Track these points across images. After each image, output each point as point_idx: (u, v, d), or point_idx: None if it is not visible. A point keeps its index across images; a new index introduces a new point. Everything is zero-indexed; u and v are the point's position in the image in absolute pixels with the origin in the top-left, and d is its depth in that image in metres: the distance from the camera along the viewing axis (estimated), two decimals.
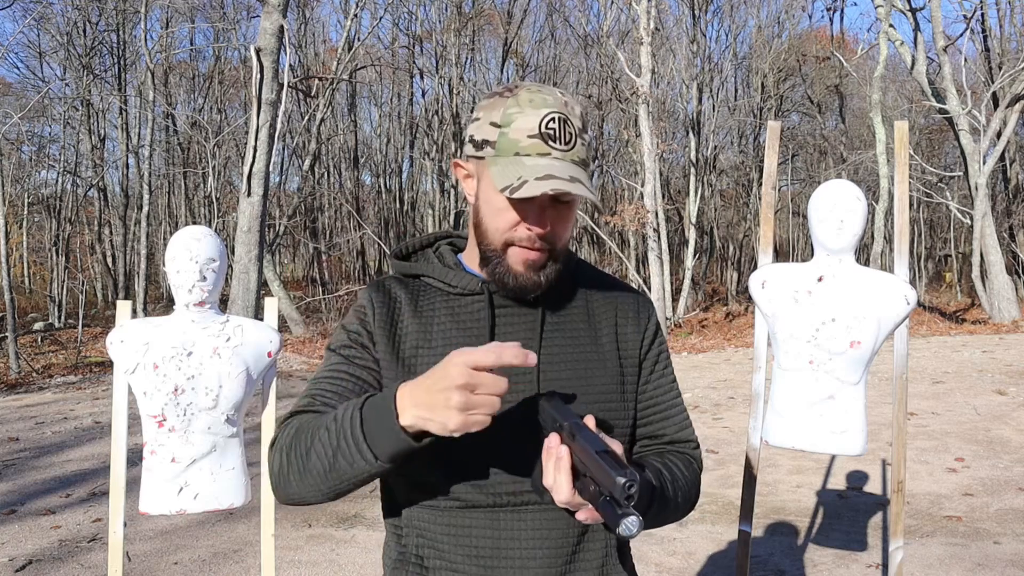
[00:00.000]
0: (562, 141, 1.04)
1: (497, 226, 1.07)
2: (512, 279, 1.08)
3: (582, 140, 1.07)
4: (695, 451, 1.23)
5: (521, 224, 1.06)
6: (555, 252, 1.09)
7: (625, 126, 18.62)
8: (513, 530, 1.07)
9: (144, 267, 15.36)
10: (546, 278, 1.09)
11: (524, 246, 1.07)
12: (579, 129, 1.06)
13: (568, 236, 1.12)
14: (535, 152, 1.03)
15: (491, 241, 1.09)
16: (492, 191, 1.06)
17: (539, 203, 1.05)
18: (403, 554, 1.11)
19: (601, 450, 0.84)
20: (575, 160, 1.05)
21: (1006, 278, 14.39)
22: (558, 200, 1.06)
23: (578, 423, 0.90)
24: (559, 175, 1.01)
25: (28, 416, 7.85)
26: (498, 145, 1.05)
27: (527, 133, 1.03)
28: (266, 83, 9.90)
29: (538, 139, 1.03)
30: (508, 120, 1.05)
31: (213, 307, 2.22)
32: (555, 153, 1.04)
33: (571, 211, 1.10)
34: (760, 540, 4.12)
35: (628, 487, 0.79)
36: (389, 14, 21.80)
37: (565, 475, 0.88)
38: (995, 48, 18.41)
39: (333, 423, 0.96)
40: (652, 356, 1.20)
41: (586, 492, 0.86)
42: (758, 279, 2.37)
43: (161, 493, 2.16)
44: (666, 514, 1.10)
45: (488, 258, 1.10)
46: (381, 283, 1.19)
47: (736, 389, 8.56)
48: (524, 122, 1.04)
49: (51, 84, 20.80)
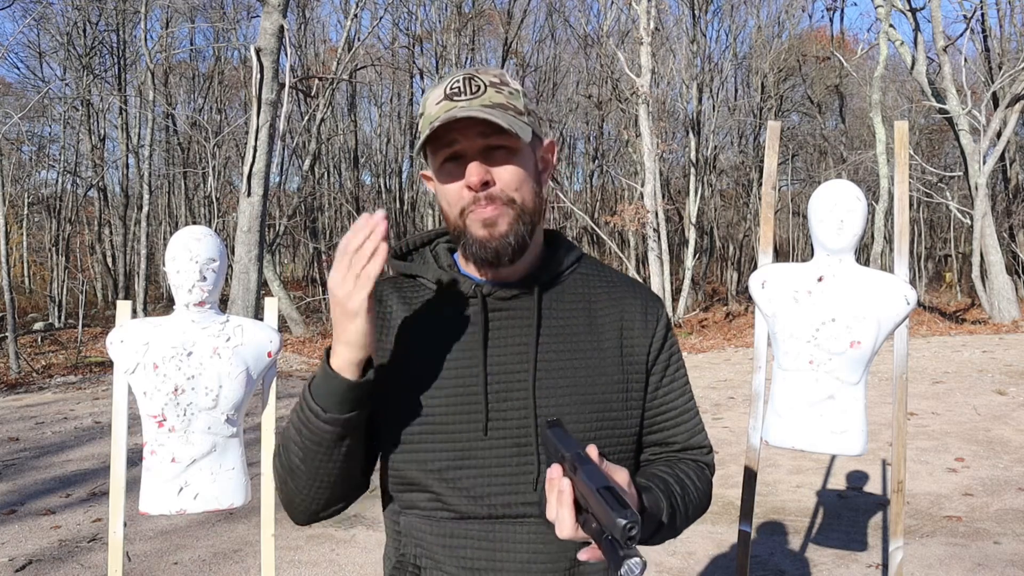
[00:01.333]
0: (468, 92, 1.02)
1: (450, 203, 1.05)
2: (479, 247, 1.04)
3: (497, 89, 1.03)
4: (707, 456, 1.19)
5: (464, 189, 1.03)
6: (515, 206, 1.04)
7: (625, 126, 18.63)
8: (509, 542, 1.04)
9: (144, 267, 15.36)
10: (515, 236, 1.04)
11: (473, 208, 1.03)
12: (492, 82, 1.04)
13: (527, 187, 1.05)
14: (442, 112, 1.01)
15: (453, 221, 1.06)
16: (439, 178, 1.07)
17: (470, 158, 1.02)
18: (401, 561, 1.10)
19: (603, 487, 0.81)
20: (487, 104, 1.01)
21: (1006, 278, 14.39)
22: (495, 148, 1.02)
23: (580, 454, 0.87)
24: (460, 115, 0.99)
25: (28, 416, 7.85)
26: (420, 127, 1.07)
27: (435, 101, 1.04)
28: (266, 83, 9.90)
29: (444, 100, 1.02)
30: (424, 103, 1.07)
31: (213, 307, 2.22)
32: (460, 103, 1.01)
33: (516, 157, 1.04)
34: (760, 540, 4.11)
35: (629, 529, 0.76)
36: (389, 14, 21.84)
37: (568, 510, 0.85)
38: (995, 48, 18.42)
39: (297, 411, 1.02)
40: (663, 360, 1.15)
41: (589, 527, 0.83)
42: (758, 279, 2.37)
43: (161, 493, 2.16)
44: (675, 529, 1.06)
45: (460, 241, 1.07)
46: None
47: (736, 389, 8.56)
48: (433, 95, 1.05)
49: (51, 84, 20.80)
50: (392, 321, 1.12)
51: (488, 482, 1.04)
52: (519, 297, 1.09)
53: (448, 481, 1.04)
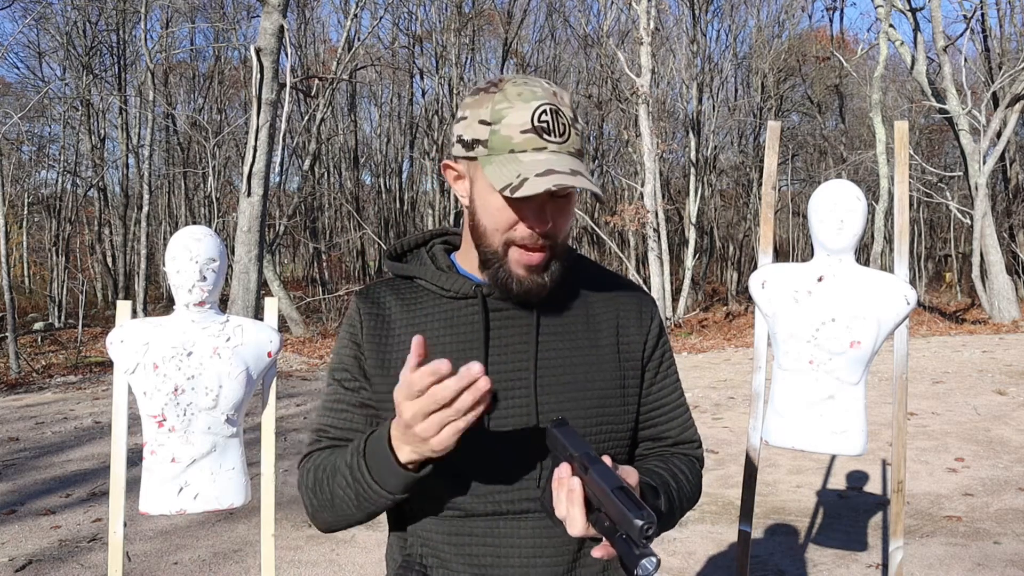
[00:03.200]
0: (556, 133, 1.00)
1: (496, 227, 1.03)
2: (516, 284, 1.05)
3: (575, 130, 1.03)
4: (697, 451, 1.22)
5: (520, 223, 1.02)
6: (556, 249, 1.06)
7: (625, 126, 18.62)
8: (513, 538, 1.06)
9: (144, 267, 15.36)
10: (550, 279, 1.06)
11: (524, 245, 1.03)
12: (571, 119, 1.02)
13: (568, 230, 1.08)
14: (530, 147, 0.99)
15: (490, 243, 1.05)
16: (488, 191, 1.02)
17: (538, 200, 1.01)
18: (407, 560, 1.11)
19: (617, 487, 0.83)
20: (571, 152, 1.02)
21: (1006, 278, 14.39)
22: (556, 194, 1.02)
23: (591, 455, 0.88)
24: (559, 169, 0.97)
25: (28, 416, 7.85)
26: (490, 143, 1.01)
27: (520, 128, 0.99)
28: (266, 83, 9.90)
29: (532, 133, 0.99)
30: (498, 116, 1.00)
31: (213, 307, 2.22)
32: (551, 147, 1.00)
33: (570, 205, 1.06)
34: (760, 540, 4.11)
35: (646, 529, 0.78)
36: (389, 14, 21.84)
37: (579, 508, 0.87)
38: (995, 48, 18.43)
39: (347, 472, 1.01)
40: (656, 358, 1.18)
41: (600, 526, 0.85)
42: (758, 279, 2.37)
43: (161, 493, 2.16)
44: (671, 523, 1.10)
45: (488, 260, 1.06)
46: (370, 291, 1.17)
47: (736, 389, 8.56)
48: (515, 117, 0.99)
49: (51, 84, 20.79)
50: (392, 323, 1.12)
51: (492, 479, 1.05)
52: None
53: (452, 480, 1.05)
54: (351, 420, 1.12)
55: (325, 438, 1.13)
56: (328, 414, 1.14)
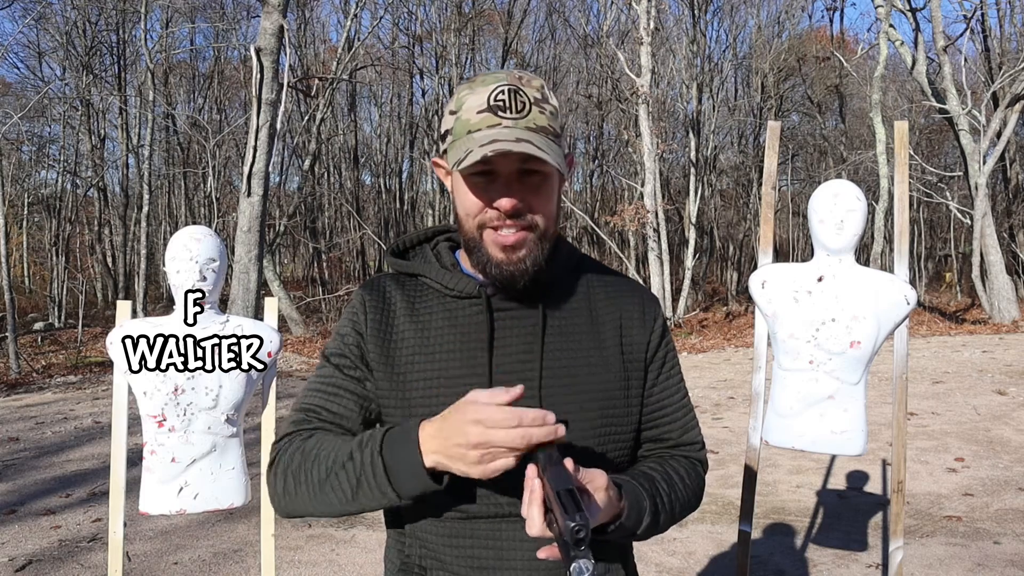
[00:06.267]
0: (513, 110, 1.00)
1: (467, 211, 1.04)
2: (494, 267, 1.04)
3: (539, 108, 1.02)
4: (700, 452, 1.20)
5: (489, 205, 1.02)
6: (537, 230, 1.04)
7: (625, 126, 18.62)
8: (514, 540, 1.05)
9: (144, 267, 15.36)
10: (532, 262, 1.04)
11: (496, 226, 1.02)
12: (536, 99, 1.02)
13: (550, 211, 1.06)
14: (485, 125, 0.99)
15: (467, 229, 1.05)
16: (458, 178, 1.03)
17: (504, 179, 1.01)
18: (406, 563, 1.11)
19: (563, 489, 0.83)
20: (531, 127, 1.00)
21: (1006, 278, 14.39)
22: (529, 173, 1.01)
23: (551, 454, 0.89)
24: (503, 138, 0.96)
25: (28, 416, 7.85)
26: (454, 130, 1.03)
27: (477, 109, 1.00)
28: (266, 83, 9.89)
29: (487, 112, 1.00)
30: (460, 104, 1.02)
31: (213, 307, 2.23)
32: (506, 122, 0.99)
33: (547, 184, 1.04)
34: (760, 540, 4.12)
35: (576, 532, 0.78)
36: (389, 14, 21.82)
37: (537, 508, 0.86)
38: (995, 48, 18.42)
39: (353, 465, 0.97)
40: (659, 358, 1.17)
41: (552, 527, 0.85)
42: (758, 279, 2.37)
43: (161, 493, 2.17)
44: (658, 526, 1.07)
45: (470, 249, 1.06)
46: (376, 282, 1.16)
47: (736, 389, 8.56)
48: (474, 100, 1.01)
49: (51, 84, 20.78)
50: (395, 317, 1.12)
51: (494, 481, 1.03)
52: (522, 297, 1.10)
53: (454, 482, 1.03)
54: (345, 406, 1.09)
55: (315, 419, 1.09)
56: (320, 396, 1.11)
